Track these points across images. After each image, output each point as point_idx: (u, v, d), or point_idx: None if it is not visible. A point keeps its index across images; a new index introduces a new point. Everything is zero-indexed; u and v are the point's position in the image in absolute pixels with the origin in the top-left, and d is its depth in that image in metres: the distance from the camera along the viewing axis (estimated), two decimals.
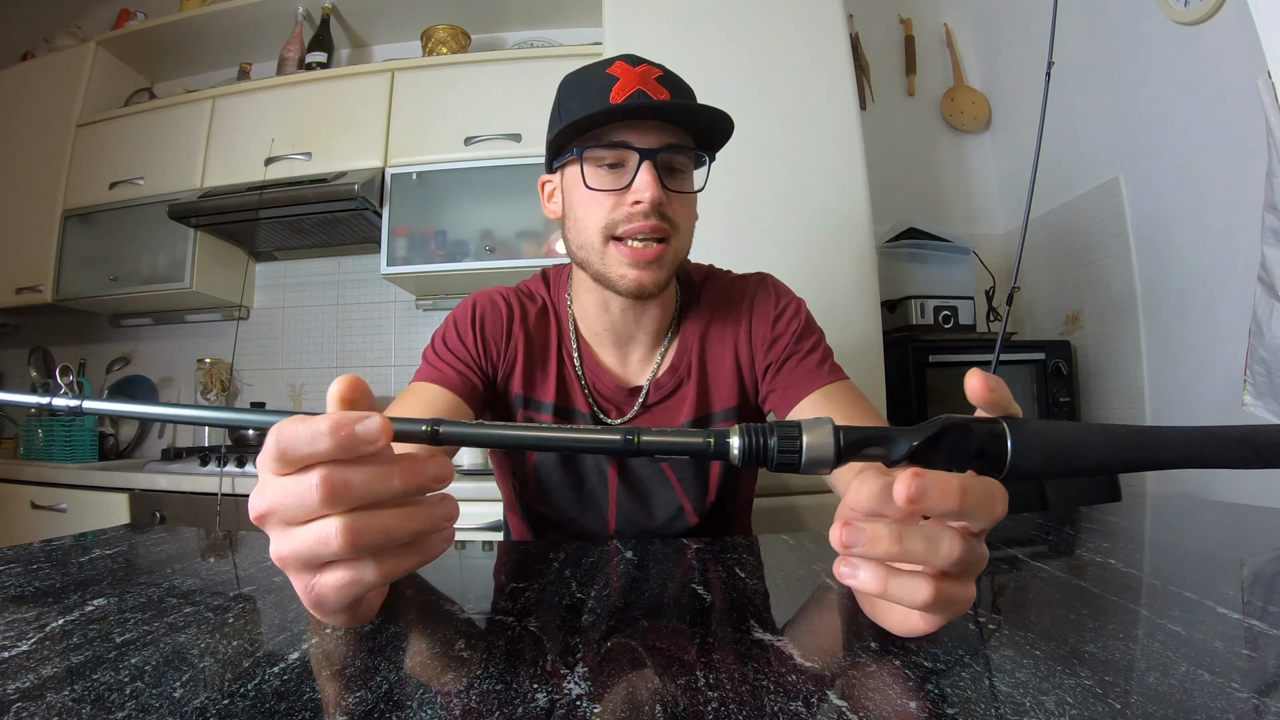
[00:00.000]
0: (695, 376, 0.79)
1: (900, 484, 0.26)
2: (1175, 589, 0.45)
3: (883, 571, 0.29)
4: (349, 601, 0.31)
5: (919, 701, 0.29)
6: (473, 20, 2.14)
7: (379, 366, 2.23)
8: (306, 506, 0.28)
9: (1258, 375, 1.24)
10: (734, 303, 0.81)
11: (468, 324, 0.78)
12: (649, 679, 0.33)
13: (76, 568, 0.55)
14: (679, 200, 0.69)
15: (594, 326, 0.79)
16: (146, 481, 1.69)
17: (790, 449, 0.27)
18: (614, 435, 0.31)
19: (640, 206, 0.66)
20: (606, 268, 0.70)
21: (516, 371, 0.78)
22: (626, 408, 0.79)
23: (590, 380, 0.79)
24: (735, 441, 0.28)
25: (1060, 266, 1.86)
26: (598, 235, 0.69)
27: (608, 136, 0.67)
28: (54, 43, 2.35)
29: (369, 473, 0.29)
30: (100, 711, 0.29)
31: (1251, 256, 1.24)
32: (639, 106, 0.65)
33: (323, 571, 0.30)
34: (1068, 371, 1.74)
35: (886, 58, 2.23)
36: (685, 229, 0.71)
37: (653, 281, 0.69)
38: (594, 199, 0.68)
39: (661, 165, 0.67)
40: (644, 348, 0.80)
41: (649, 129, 0.67)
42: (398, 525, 0.30)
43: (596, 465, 0.79)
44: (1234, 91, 1.29)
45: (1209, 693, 0.29)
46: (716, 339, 0.80)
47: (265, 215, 1.91)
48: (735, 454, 0.28)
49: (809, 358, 0.77)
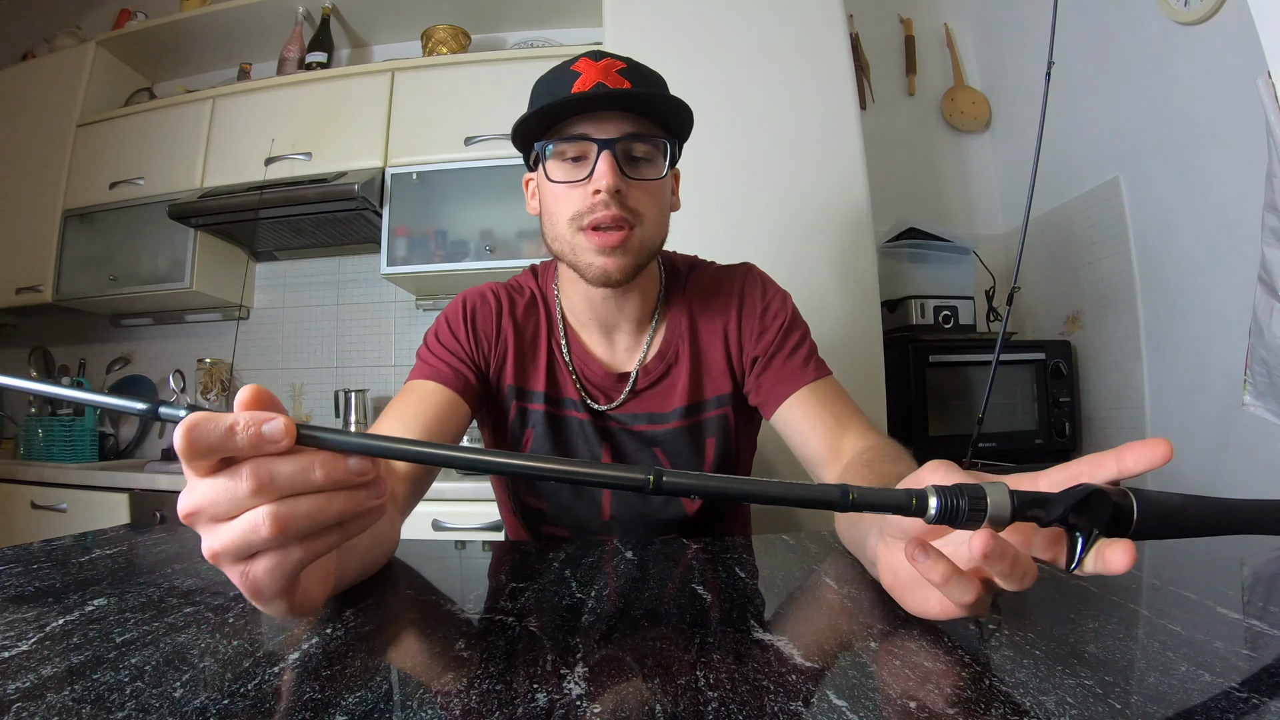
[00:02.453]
0: (687, 362, 0.80)
1: (979, 540, 0.31)
2: (1175, 589, 0.45)
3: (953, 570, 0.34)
4: (282, 584, 0.32)
5: (919, 702, 0.29)
6: (473, 20, 2.14)
7: (379, 366, 2.23)
8: (236, 499, 0.30)
9: (1258, 375, 1.24)
10: (723, 291, 0.82)
11: (459, 319, 0.79)
12: (649, 679, 0.33)
13: (76, 568, 0.56)
14: (641, 188, 0.70)
15: (580, 316, 0.80)
16: (147, 481, 1.70)
17: (978, 508, 0.32)
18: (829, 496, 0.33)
19: (600, 196, 0.67)
20: (577, 257, 0.71)
21: (508, 364, 0.79)
22: (615, 394, 0.80)
23: (579, 368, 0.80)
24: (934, 502, 0.32)
25: (1060, 266, 1.86)
26: (566, 226, 0.70)
27: (568, 130, 0.68)
28: (54, 43, 2.35)
29: (293, 464, 0.30)
30: (100, 711, 0.29)
31: (1251, 256, 1.24)
32: (589, 96, 0.66)
33: (253, 560, 0.31)
34: (1068, 371, 1.74)
35: (886, 58, 2.23)
36: (651, 216, 0.71)
37: (618, 268, 0.70)
38: (561, 192, 0.70)
39: (622, 154, 0.68)
40: (629, 335, 0.80)
41: (608, 120, 0.68)
42: (320, 509, 0.31)
43: (588, 450, 0.79)
44: (1234, 91, 1.29)
45: (1209, 693, 0.29)
46: (706, 326, 0.81)
47: (265, 215, 1.91)
48: (932, 514, 0.32)
49: (795, 354, 0.78)
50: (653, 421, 0.80)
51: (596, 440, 0.79)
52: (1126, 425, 1.63)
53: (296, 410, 2.24)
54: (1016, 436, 1.71)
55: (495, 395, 0.80)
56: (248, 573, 0.31)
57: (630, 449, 0.80)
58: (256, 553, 0.31)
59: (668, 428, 0.79)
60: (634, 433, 0.80)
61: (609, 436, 0.80)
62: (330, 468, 0.31)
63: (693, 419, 0.80)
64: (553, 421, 0.79)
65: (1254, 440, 1.29)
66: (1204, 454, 1.42)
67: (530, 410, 0.80)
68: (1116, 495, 0.34)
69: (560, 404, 0.80)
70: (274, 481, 0.30)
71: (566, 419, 0.80)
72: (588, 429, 0.79)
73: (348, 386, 2.10)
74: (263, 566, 0.31)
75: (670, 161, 0.73)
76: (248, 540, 0.30)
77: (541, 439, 0.79)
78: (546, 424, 0.79)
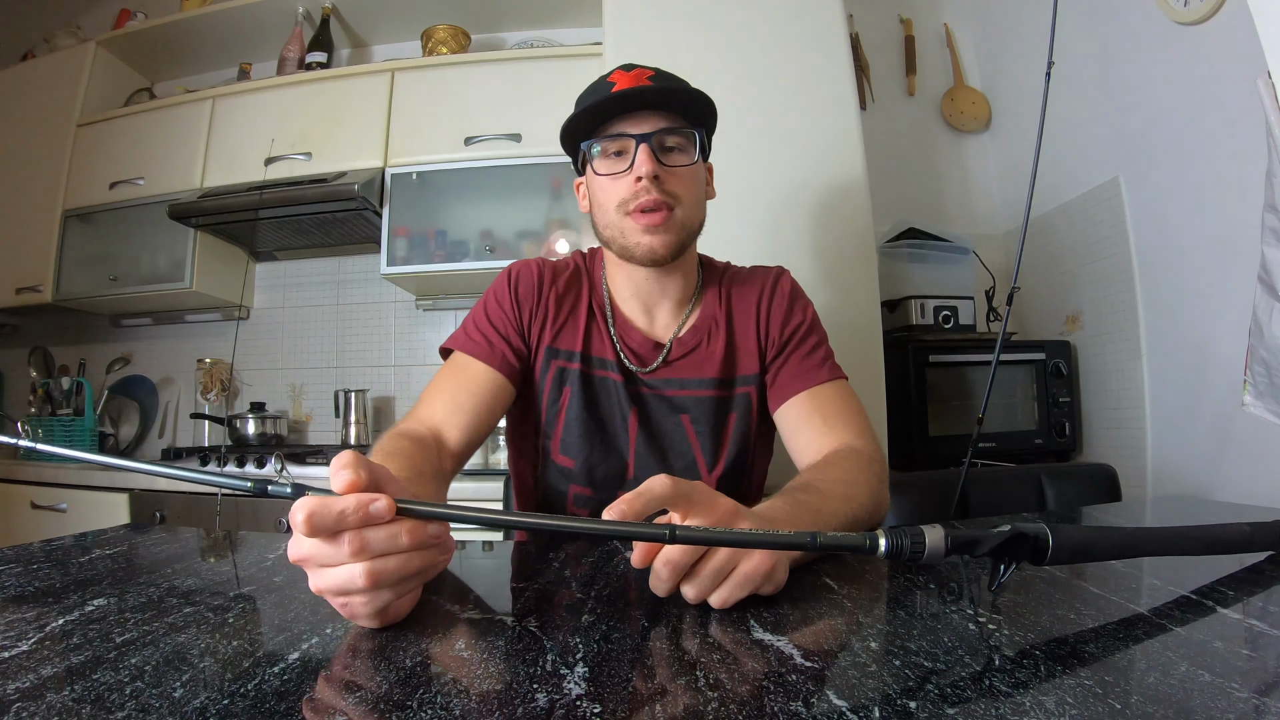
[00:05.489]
0: (722, 338, 0.86)
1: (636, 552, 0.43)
2: (1175, 589, 0.45)
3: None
4: (373, 617, 0.40)
5: (919, 701, 0.29)
6: (473, 20, 2.14)
7: (379, 366, 2.23)
8: (338, 558, 0.38)
9: (1258, 375, 1.24)
10: (758, 283, 0.90)
11: (505, 289, 0.86)
12: (649, 679, 0.33)
13: (76, 568, 0.55)
14: (677, 174, 0.78)
15: (624, 294, 0.88)
16: (146, 481, 1.69)
17: (919, 548, 0.39)
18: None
19: (642, 183, 0.76)
20: (626, 239, 0.79)
21: (548, 327, 0.86)
22: (650, 359, 0.86)
23: (619, 333, 0.87)
24: (883, 542, 0.39)
25: (1060, 266, 1.86)
26: (615, 213, 0.79)
27: (609, 129, 0.78)
28: (54, 43, 2.35)
29: (385, 532, 0.38)
30: (100, 711, 0.29)
31: (1251, 256, 1.23)
32: (624, 94, 0.75)
33: (351, 596, 0.39)
34: (1068, 371, 1.74)
35: (886, 58, 2.22)
36: (689, 198, 0.80)
37: (664, 244, 0.78)
38: (607, 184, 0.79)
39: (657, 146, 0.77)
40: (668, 314, 0.88)
41: (644, 118, 0.77)
42: (404, 565, 0.39)
43: (620, 410, 0.85)
44: (1234, 91, 1.28)
45: (1209, 693, 0.29)
46: (740, 307, 0.88)
47: (265, 215, 1.91)
48: (882, 551, 0.39)
49: (813, 355, 0.85)
50: (684, 388, 0.85)
51: (628, 403, 0.85)
52: (1126, 425, 1.63)
53: (296, 410, 2.24)
54: (1016, 436, 1.71)
55: (528, 358, 0.86)
56: (346, 605, 0.39)
57: (658, 415, 0.85)
58: (353, 592, 0.38)
59: (697, 395, 0.85)
60: (665, 398, 0.85)
61: (640, 401, 0.85)
62: (415, 535, 0.39)
63: (722, 392, 0.86)
64: (587, 382, 0.85)
65: (1254, 440, 1.29)
66: (1204, 454, 1.42)
67: (568, 370, 0.85)
68: (1034, 532, 0.41)
69: (597, 364, 0.85)
70: (369, 547, 0.38)
71: (603, 379, 0.85)
72: (620, 392, 0.84)
73: (347, 386, 2.10)
74: (359, 603, 0.39)
75: (701, 151, 0.81)
76: (345, 586, 0.38)
77: (577, 399, 0.84)
78: (582, 384, 0.84)
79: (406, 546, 0.39)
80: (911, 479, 1.16)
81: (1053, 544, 0.41)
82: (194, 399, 2.22)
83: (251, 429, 2.05)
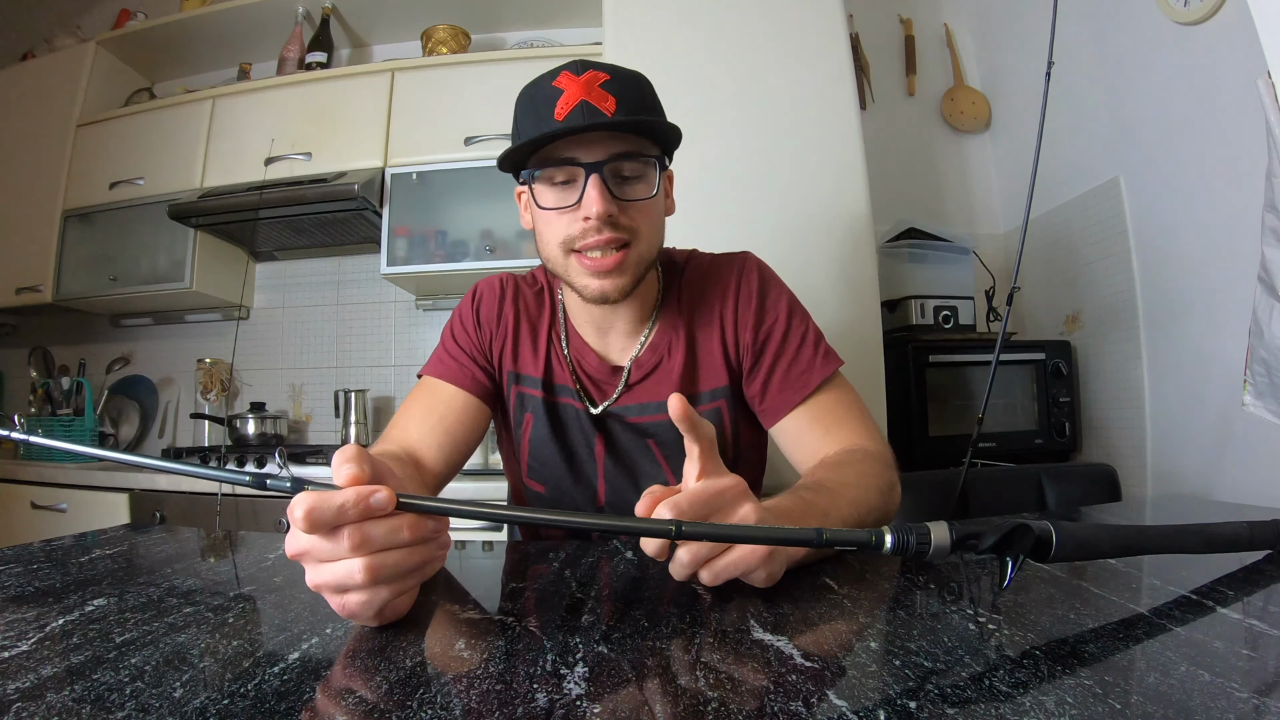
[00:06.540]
0: (681, 355, 0.79)
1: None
2: (1175, 589, 0.45)
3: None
4: (371, 614, 0.39)
5: (919, 701, 0.29)
6: (473, 20, 2.14)
7: (379, 366, 2.23)
8: (338, 551, 0.37)
9: (1258, 375, 1.24)
10: (719, 283, 0.81)
11: (469, 310, 0.83)
12: (649, 679, 0.33)
13: (76, 568, 0.55)
14: (634, 207, 0.69)
15: (579, 317, 0.82)
16: (146, 481, 1.69)
17: (924, 544, 0.39)
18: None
19: (590, 222, 0.66)
20: (571, 279, 0.71)
21: (508, 348, 0.82)
22: (610, 387, 0.80)
23: (575, 358, 0.82)
24: (889, 538, 0.39)
25: (1060, 266, 1.86)
26: (558, 250, 0.70)
27: (556, 153, 0.67)
28: (54, 43, 2.35)
29: (385, 526, 0.38)
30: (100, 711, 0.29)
31: (1251, 256, 1.23)
32: (572, 129, 0.64)
33: (349, 593, 0.38)
34: (1068, 371, 1.74)
35: (886, 58, 2.22)
36: (647, 232, 0.71)
37: (615, 288, 0.70)
38: (550, 217, 0.69)
39: (611, 175, 0.67)
40: (624, 335, 0.80)
41: (595, 140, 0.66)
42: (404, 560, 0.39)
43: (584, 438, 0.81)
44: (1234, 91, 1.28)
45: (1209, 693, 0.29)
46: (703, 320, 0.81)
47: (265, 215, 1.91)
48: (888, 548, 0.39)
49: (799, 357, 0.78)
50: (644, 413, 0.80)
51: (592, 430, 0.80)
52: (1126, 425, 1.63)
53: (296, 410, 2.24)
54: (1016, 436, 1.71)
55: (495, 380, 0.83)
56: (344, 603, 0.39)
57: (625, 441, 0.81)
58: (351, 588, 0.38)
59: (660, 419, 0.79)
60: (629, 424, 0.80)
61: (604, 428, 0.81)
62: (415, 529, 0.39)
63: None
64: (551, 409, 0.81)
65: (1254, 440, 1.29)
66: (1204, 454, 1.42)
67: (528, 396, 0.81)
68: (1038, 528, 0.41)
69: (557, 391, 0.81)
70: (369, 541, 0.37)
71: (566, 406, 0.81)
72: (584, 420, 0.81)
73: (347, 386, 2.10)
74: (356, 600, 0.38)
75: (661, 173, 0.71)
76: (344, 583, 0.38)
77: (540, 426, 0.81)
78: (544, 411, 0.81)
79: (407, 541, 0.38)
80: (911, 479, 1.16)
81: (1056, 539, 0.40)
82: (194, 399, 2.22)
83: (251, 429, 2.05)
